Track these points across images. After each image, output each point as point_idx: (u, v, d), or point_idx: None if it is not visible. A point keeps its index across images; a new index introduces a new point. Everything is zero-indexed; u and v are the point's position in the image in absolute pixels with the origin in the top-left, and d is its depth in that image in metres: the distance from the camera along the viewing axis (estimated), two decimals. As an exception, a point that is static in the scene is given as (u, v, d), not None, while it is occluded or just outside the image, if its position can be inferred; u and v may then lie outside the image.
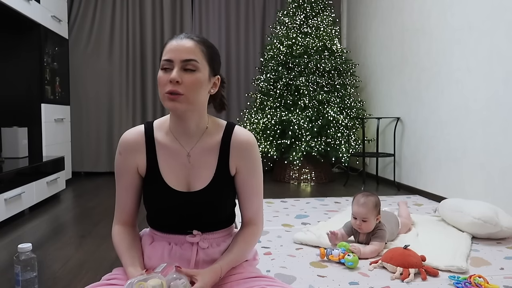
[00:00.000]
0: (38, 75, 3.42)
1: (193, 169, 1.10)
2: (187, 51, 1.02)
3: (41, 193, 2.98)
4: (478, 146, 2.73)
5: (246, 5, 4.93)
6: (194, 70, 1.02)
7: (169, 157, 1.11)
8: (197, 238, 1.11)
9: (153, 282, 0.91)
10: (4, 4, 2.81)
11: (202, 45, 1.05)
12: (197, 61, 1.02)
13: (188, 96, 1.02)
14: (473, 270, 1.69)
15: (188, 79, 1.01)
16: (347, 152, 3.93)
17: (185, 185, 1.10)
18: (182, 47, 1.03)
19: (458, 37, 2.93)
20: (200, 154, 1.11)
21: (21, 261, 1.37)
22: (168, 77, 1.01)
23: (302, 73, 4.12)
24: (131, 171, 1.12)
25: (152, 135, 1.13)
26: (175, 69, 1.01)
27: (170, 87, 1.01)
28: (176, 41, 1.04)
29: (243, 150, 1.12)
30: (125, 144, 1.12)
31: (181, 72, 1.01)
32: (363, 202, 1.91)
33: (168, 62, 1.02)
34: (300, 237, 2.08)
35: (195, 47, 1.04)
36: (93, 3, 4.60)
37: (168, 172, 1.10)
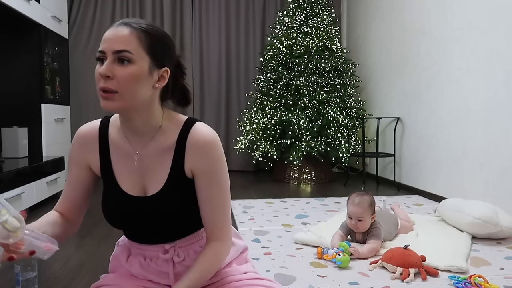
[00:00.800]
0: (38, 75, 3.42)
1: (147, 172, 1.00)
2: (120, 41, 0.88)
3: (41, 193, 2.97)
4: (478, 146, 2.73)
5: (246, 5, 4.94)
6: (128, 62, 0.89)
7: (121, 158, 1.01)
8: (170, 254, 1.02)
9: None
10: (4, 4, 2.80)
11: (140, 33, 0.90)
12: (130, 52, 0.88)
13: (122, 94, 0.89)
14: (473, 270, 1.69)
15: (120, 73, 0.88)
16: (347, 152, 3.93)
17: (140, 189, 1.00)
18: (114, 36, 0.89)
19: (458, 37, 2.93)
20: (153, 155, 0.99)
21: (21, 261, 1.37)
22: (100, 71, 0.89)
23: (302, 73, 4.12)
24: (81, 166, 1.04)
25: (106, 131, 1.03)
26: (106, 61, 0.89)
27: (102, 82, 0.89)
28: (112, 29, 0.91)
29: (199, 151, 0.97)
30: (79, 138, 1.04)
31: (113, 65, 0.88)
32: (358, 202, 1.92)
33: (101, 53, 0.90)
34: (301, 237, 2.08)
35: (130, 35, 0.89)
36: (93, 3, 4.60)
37: (121, 174, 1.01)
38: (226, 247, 1.01)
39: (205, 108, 4.92)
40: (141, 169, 1.00)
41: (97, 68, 0.90)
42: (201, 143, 0.97)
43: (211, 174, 0.98)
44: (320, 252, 1.86)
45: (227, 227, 1.01)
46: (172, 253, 1.02)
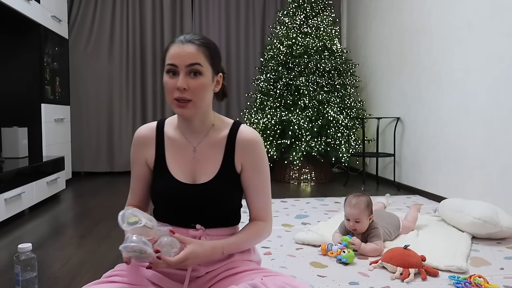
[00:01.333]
0: (38, 75, 3.42)
1: (199, 163, 1.15)
2: (190, 56, 1.05)
3: (41, 193, 2.98)
4: (478, 146, 2.73)
5: (246, 5, 4.94)
6: (199, 75, 1.06)
7: (176, 152, 1.17)
8: (199, 232, 1.13)
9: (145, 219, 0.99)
10: (4, 4, 2.81)
11: (203, 47, 1.08)
12: (200, 65, 1.06)
13: (195, 102, 1.07)
14: (473, 270, 1.69)
15: (194, 84, 1.05)
16: (347, 152, 3.93)
17: (191, 178, 1.15)
18: (185, 52, 1.05)
19: (458, 36, 2.93)
20: (206, 149, 1.15)
21: (21, 261, 1.37)
22: (175, 84, 1.05)
23: (302, 73, 4.12)
24: (141, 163, 1.19)
25: (162, 130, 1.19)
26: (180, 75, 1.05)
27: (177, 94, 1.05)
28: (178, 45, 1.07)
29: (248, 147, 1.15)
30: (137, 138, 1.20)
31: (186, 78, 1.05)
32: (355, 203, 1.92)
33: (173, 67, 1.06)
34: (302, 237, 2.08)
35: (198, 51, 1.06)
36: (93, 3, 4.60)
37: (174, 165, 1.16)
38: (269, 226, 1.20)
39: (205, 108, 4.91)
40: (195, 161, 1.16)
41: (167, 80, 1.07)
42: (249, 141, 1.15)
43: (257, 167, 1.16)
44: (325, 248, 1.88)
45: (269, 209, 1.21)
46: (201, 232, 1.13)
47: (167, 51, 1.10)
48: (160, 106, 4.81)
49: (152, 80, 4.76)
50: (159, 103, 4.80)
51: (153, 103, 4.79)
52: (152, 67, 4.76)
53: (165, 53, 1.10)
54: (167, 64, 1.07)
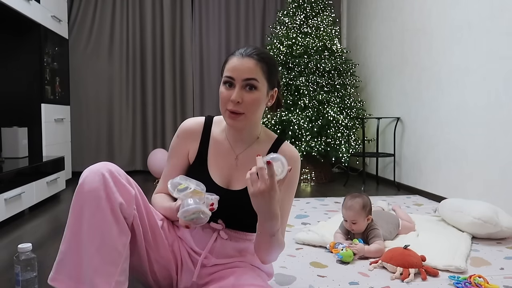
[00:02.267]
0: (38, 75, 3.42)
1: (238, 171, 1.19)
2: (248, 71, 1.08)
3: (41, 193, 2.97)
4: (478, 146, 2.73)
5: (246, 5, 4.94)
6: (254, 89, 1.09)
7: (218, 154, 1.21)
8: (220, 226, 1.18)
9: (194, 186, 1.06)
10: (4, 4, 2.81)
11: (262, 63, 1.10)
12: (257, 80, 1.09)
13: (247, 115, 1.10)
14: (473, 270, 1.69)
15: (248, 99, 1.09)
16: (347, 152, 3.93)
17: (226, 182, 1.19)
18: (243, 67, 1.08)
19: (458, 36, 2.93)
20: (247, 158, 1.19)
21: (21, 261, 1.37)
22: (230, 95, 1.08)
23: (302, 73, 4.12)
24: (182, 154, 1.23)
25: (209, 128, 1.23)
26: (236, 88, 1.08)
27: (231, 106, 1.08)
28: (238, 59, 1.10)
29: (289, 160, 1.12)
30: (184, 130, 1.23)
31: (241, 91, 1.08)
32: (350, 205, 1.93)
33: (230, 79, 1.09)
34: (302, 237, 2.08)
35: (256, 66, 1.09)
36: (93, 3, 4.60)
37: (214, 167, 1.20)
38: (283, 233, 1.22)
39: (205, 108, 4.92)
40: (234, 168, 1.20)
41: (223, 91, 1.10)
42: (290, 156, 1.16)
43: (289, 184, 1.18)
44: (333, 246, 1.89)
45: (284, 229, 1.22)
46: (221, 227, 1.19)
47: (226, 62, 1.13)
48: (160, 106, 4.80)
49: (152, 80, 4.76)
50: (159, 103, 4.80)
51: (153, 103, 4.79)
52: (152, 67, 4.76)
53: (224, 64, 1.13)
54: (225, 76, 1.10)
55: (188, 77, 4.82)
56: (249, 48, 1.13)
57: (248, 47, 1.13)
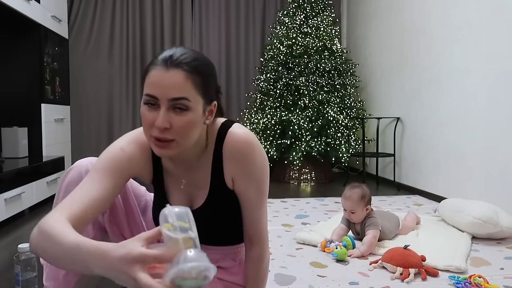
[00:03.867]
0: (38, 75, 3.42)
1: (191, 191, 1.03)
2: (175, 88, 0.82)
3: (41, 193, 2.97)
4: (478, 146, 2.73)
5: (246, 5, 4.93)
6: (186, 110, 0.84)
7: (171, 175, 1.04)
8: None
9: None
10: (4, 4, 2.80)
11: (194, 75, 0.84)
12: (188, 99, 0.83)
13: (179, 142, 0.86)
14: (473, 270, 1.69)
15: (179, 123, 0.84)
16: (347, 152, 3.92)
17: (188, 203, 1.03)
18: (168, 82, 0.82)
19: (458, 37, 2.93)
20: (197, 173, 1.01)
21: (21, 261, 1.37)
22: (154, 118, 0.84)
23: (302, 73, 4.12)
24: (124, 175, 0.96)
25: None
26: (161, 110, 0.83)
27: (156, 132, 0.84)
28: (161, 70, 0.83)
29: (235, 158, 0.96)
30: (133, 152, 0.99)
31: (168, 114, 0.83)
32: (349, 195, 1.98)
33: (152, 98, 0.84)
34: (303, 236, 2.08)
35: (186, 81, 0.83)
36: (93, 3, 4.60)
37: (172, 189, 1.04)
38: (267, 249, 1.06)
39: (205, 108, 4.91)
40: (186, 190, 1.03)
41: (145, 112, 0.85)
42: (237, 148, 0.95)
43: (249, 176, 0.97)
44: (324, 245, 1.92)
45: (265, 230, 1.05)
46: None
47: (147, 73, 0.86)
48: (160, 106, 4.80)
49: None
50: (159, 103, 4.79)
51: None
52: (152, 67, 4.75)
53: (145, 74, 0.86)
54: (145, 94, 0.84)
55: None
56: (175, 52, 0.84)
57: (174, 51, 0.85)
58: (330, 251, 1.87)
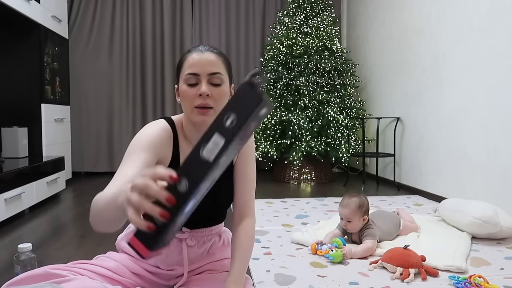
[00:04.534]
0: (38, 75, 3.42)
1: None
2: (212, 64, 1.04)
3: (41, 193, 2.97)
4: (478, 146, 2.73)
5: (246, 5, 4.93)
6: (220, 84, 1.05)
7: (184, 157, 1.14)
8: (185, 234, 1.16)
9: None
10: (4, 4, 2.81)
11: (222, 57, 1.08)
12: (221, 74, 1.05)
13: (216, 109, 1.05)
14: (473, 270, 1.69)
15: (216, 92, 1.04)
16: (347, 152, 3.93)
17: None
18: (206, 61, 1.04)
19: (458, 37, 2.93)
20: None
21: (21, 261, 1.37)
22: (196, 91, 1.02)
23: (302, 73, 4.12)
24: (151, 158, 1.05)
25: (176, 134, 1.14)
26: (202, 82, 1.03)
27: (200, 101, 1.03)
28: (198, 54, 1.05)
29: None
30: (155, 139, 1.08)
31: (208, 85, 1.03)
32: (346, 203, 1.95)
33: (194, 76, 1.03)
34: (297, 237, 2.08)
35: (218, 59, 1.06)
36: (93, 3, 4.60)
37: None
38: (254, 221, 1.22)
39: (205, 108, 4.91)
40: None
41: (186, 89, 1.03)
42: None
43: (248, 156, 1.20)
44: (314, 248, 1.90)
45: (253, 202, 1.23)
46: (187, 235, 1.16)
47: (184, 60, 1.06)
48: (160, 106, 4.80)
49: (152, 80, 4.76)
50: (159, 103, 4.80)
51: (153, 103, 4.79)
52: (152, 67, 4.76)
53: (182, 62, 1.07)
54: (188, 73, 1.04)
55: (188, 77, 4.81)
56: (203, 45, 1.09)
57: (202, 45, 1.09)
58: (323, 253, 1.84)
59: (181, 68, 1.07)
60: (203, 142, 0.60)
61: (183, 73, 1.06)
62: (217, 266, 1.21)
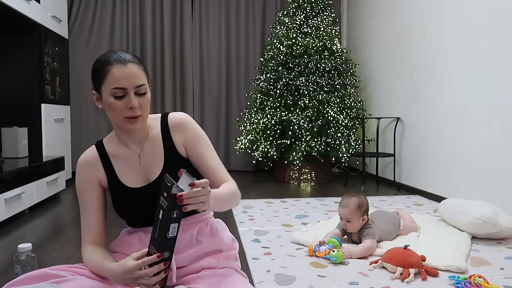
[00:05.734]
0: (38, 75, 3.42)
1: (147, 165, 1.20)
2: (137, 77, 1.09)
3: (41, 193, 2.97)
4: (478, 146, 2.73)
5: (246, 5, 4.93)
6: (145, 93, 1.12)
7: (124, 164, 1.20)
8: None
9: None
10: (4, 4, 2.81)
11: (142, 66, 1.13)
12: (145, 84, 1.12)
13: (144, 116, 1.14)
14: (473, 270, 1.69)
15: (143, 102, 1.11)
16: (347, 152, 3.93)
17: (144, 181, 1.19)
18: (131, 74, 1.08)
19: (458, 37, 2.93)
20: (149, 150, 1.21)
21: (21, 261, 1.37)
22: (125, 104, 1.08)
23: (302, 73, 4.12)
24: (93, 186, 1.20)
25: (104, 150, 1.22)
26: (131, 95, 1.08)
27: (130, 112, 1.09)
28: (121, 67, 1.07)
29: (181, 127, 1.21)
30: (83, 163, 1.21)
31: (135, 97, 1.09)
32: (345, 203, 1.96)
33: (121, 89, 1.08)
34: (297, 237, 2.08)
35: (140, 70, 1.11)
36: (93, 3, 4.60)
37: (126, 176, 1.20)
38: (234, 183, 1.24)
39: (205, 108, 4.92)
40: (143, 165, 1.20)
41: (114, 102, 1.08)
42: (180, 121, 1.22)
43: (199, 139, 1.22)
44: (312, 249, 1.89)
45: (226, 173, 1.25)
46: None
47: (106, 72, 1.07)
48: (160, 106, 4.80)
49: (152, 80, 4.76)
50: (159, 103, 4.80)
51: (153, 103, 4.79)
52: (152, 67, 4.76)
53: (103, 74, 1.08)
54: (114, 87, 1.07)
55: (188, 77, 4.82)
56: (120, 52, 1.11)
57: (118, 52, 1.11)
58: (323, 255, 1.83)
59: (102, 79, 1.09)
60: (166, 231, 0.95)
61: (107, 85, 1.08)
62: (213, 264, 1.19)
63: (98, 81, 1.10)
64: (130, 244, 1.21)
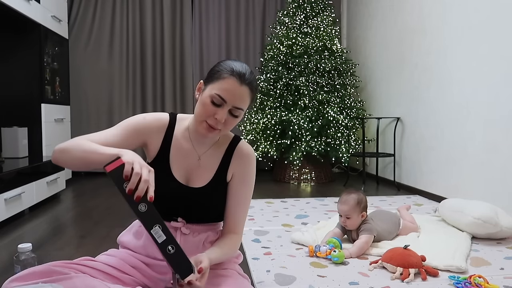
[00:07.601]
0: (38, 75, 3.42)
1: (198, 170, 1.22)
2: (242, 100, 1.11)
3: (41, 193, 2.97)
4: (478, 146, 2.73)
5: (246, 5, 4.94)
6: (237, 116, 1.13)
7: (180, 152, 1.21)
8: (180, 224, 1.20)
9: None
10: (4, 4, 2.81)
11: (253, 94, 1.14)
12: (243, 110, 1.13)
13: (222, 132, 1.15)
14: (473, 270, 1.69)
15: (230, 121, 1.12)
16: (347, 152, 3.92)
17: (186, 180, 1.21)
18: (239, 95, 1.09)
19: (458, 37, 2.93)
20: (209, 158, 1.23)
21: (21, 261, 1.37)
22: (215, 112, 1.09)
23: (302, 73, 4.12)
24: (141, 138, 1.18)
25: (173, 126, 1.23)
26: (224, 109, 1.09)
27: (212, 121, 1.10)
28: (236, 84, 1.09)
29: (242, 160, 1.24)
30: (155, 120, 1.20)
31: (227, 114, 1.11)
32: (345, 200, 1.97)
33: (222, 100, 1.09)
34: (297, 237, 2.08)
35: (249, 97, 1.12)
36: (93, 3, 4.60)
37: (175, 164, 1.21)
38: (240, 239, 1.27)
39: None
40: (195, 167, 1.22)
41: (209, 105, 1.09)
42: (245, 154, 1.25)
43: (246, 179, 1.26)
44: (312, 250, 1.89)
45: (243, 223, 1.28)
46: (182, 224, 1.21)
47: (222, 78, 1.09)
48: (160, 106, 4.80)
49: (152, 80, 4.76)
50: (159, 103, 4.80)
51: (153, 103, 4.79)
52: (152, 67, 4.76)
53: (219, 75, 1.10)
54: (217, 94, 1.08)
55: (188, 77, 4.81)
56: (246, 71, 1.11)
57: (245, 71, 1.11)
58: (324, 255, 1.83)
59: (215, 80, 1.10)
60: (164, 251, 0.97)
61: (214, 87, 1.09)
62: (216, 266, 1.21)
63: (211, 78, 1.12)
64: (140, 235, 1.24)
